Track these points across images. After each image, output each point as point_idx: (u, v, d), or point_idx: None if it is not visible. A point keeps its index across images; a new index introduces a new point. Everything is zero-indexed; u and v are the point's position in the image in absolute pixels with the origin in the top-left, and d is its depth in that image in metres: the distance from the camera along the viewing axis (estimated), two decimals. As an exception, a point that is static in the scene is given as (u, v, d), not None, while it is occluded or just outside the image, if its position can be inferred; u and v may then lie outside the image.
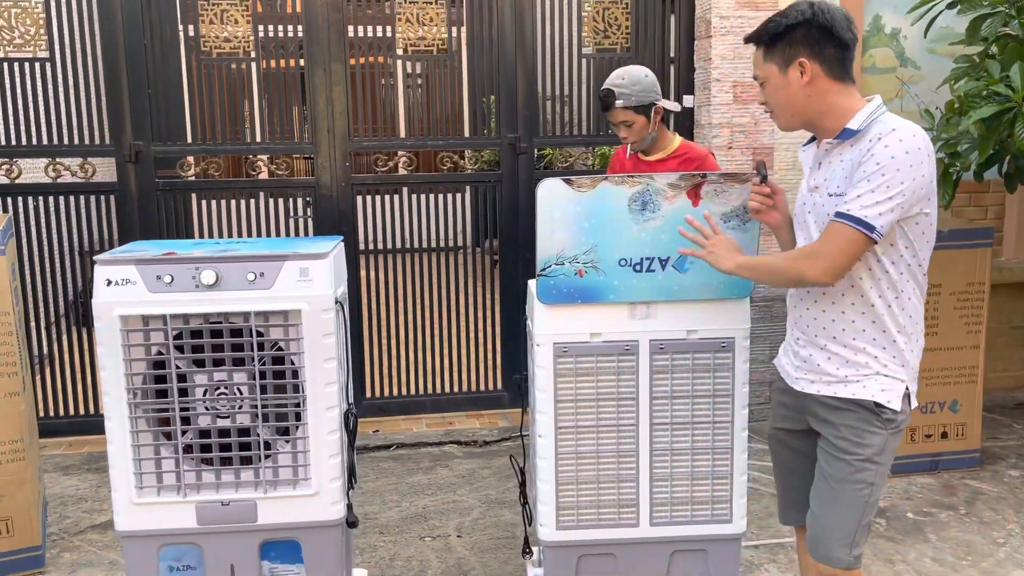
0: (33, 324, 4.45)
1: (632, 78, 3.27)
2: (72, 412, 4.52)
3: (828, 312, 2.20)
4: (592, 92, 4.70)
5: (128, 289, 2.46)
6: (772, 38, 2.15)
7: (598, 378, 2.58)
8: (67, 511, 3.75)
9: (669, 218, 2.51)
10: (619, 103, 3.25)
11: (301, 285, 2.51)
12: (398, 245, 4.72)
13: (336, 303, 2.58)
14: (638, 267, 2.56)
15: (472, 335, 4.84)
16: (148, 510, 2.55)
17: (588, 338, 2.58)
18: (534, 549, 2.92)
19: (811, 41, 2.12)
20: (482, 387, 4.87)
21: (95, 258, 2.50)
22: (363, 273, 4.70)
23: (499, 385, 4.86)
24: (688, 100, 4.67)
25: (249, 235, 4.50)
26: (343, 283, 2.81)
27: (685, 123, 4.69)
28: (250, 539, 2.61)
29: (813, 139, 2.27)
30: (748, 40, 2.25)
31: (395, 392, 4.85)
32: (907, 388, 2.18)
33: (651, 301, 2.57)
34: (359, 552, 3.36)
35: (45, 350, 4.54)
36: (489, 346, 4.84)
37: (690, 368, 2.60)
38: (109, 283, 2.46)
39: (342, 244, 2.84)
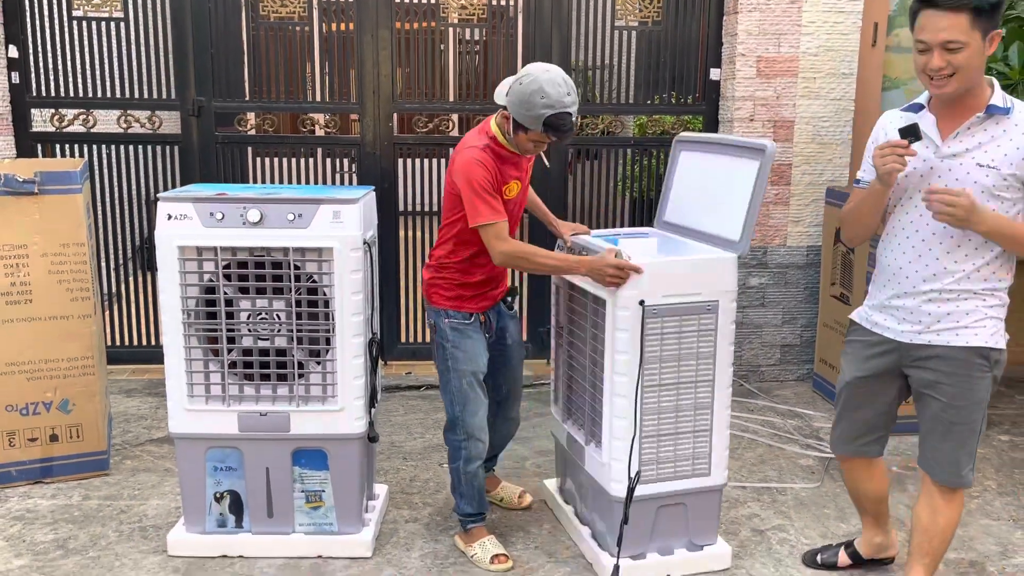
0: (103, 264, 4.90)
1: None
2: (136, 343, 4.98)
3: (943, 262, 2.45)
4: (624, 64, 4.95)
5: (185, 223, 2.84)
6: (992, 7, 2.30)
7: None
8: (129, 427, 4.21)
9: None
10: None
11: (334, 226, 2.86)
12: (436, 208, 5.06)
13: (364, 244, 2.93)
14: None
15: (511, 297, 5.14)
16: (197, 416, 2.95)
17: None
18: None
19: (999, 17, 2.35)
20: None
21: (158, 195, 2.89)
22: (402, 233, 5.03)
23: (524, 337, 5.18)
24: (715, 73, 4.88)
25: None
26: (372, 228, 3.16)
27: (711, 95, 4.91)
28: (283, 447, 2.99)
29: (914, 108, 2.51)
30: (956, 7, 2.28)
31: (427, 339, 5.19)
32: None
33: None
34: (383, 472, 3.74)
35: (115, 288, 4.99)
36: (517, 300, 5.16)
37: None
38: (170, 217, 2.85)
39: (373, 193, 3.19)
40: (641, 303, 2.71)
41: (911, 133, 2.40)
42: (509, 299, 3.21)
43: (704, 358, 2.85)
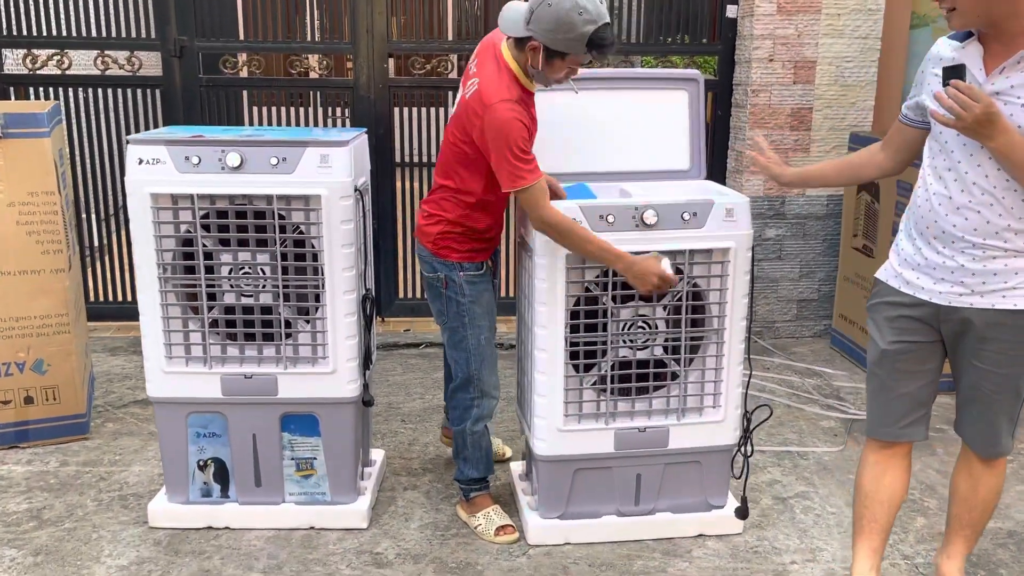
0: (89, 216, 4.65)
1: None
2: (121, 299, 4.74)
3: (987, 214, 2.14)
4: (638, 4, 4.63)
5: (158, 168, 2.58)
6: None
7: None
8: (112, 387, 3.99)
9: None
10: None
11: (321, 171, 2.60)
12: (433, 159, 4.78)
13: (355, 191, 2.67)
14: None
15: (502, 244, 4.90)
16: (177, 379, 2.73)
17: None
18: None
19: None
20: (511, 293, 4.96)
21: (127, 137, 2.62)
22: (399, 185, 4.77)
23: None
24: (731, 10, 4.57)
25: (289, 134, 4.60)
26: (365, 174, 2.90)
27: (727, 34, 4.60)
28: (271, 411, 2.77)
29: (960, 36, 2.19)
30: None
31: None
32: None
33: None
34: (380, 436, 3.53)
35: (104, 241, 4.74)
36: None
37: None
38: (141, 162, 2.59)
39: (365, 136, 2.92)
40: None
41: (956, 75, 2.10)
42: None
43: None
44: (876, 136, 4.26)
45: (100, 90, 4.52)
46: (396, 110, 4.68)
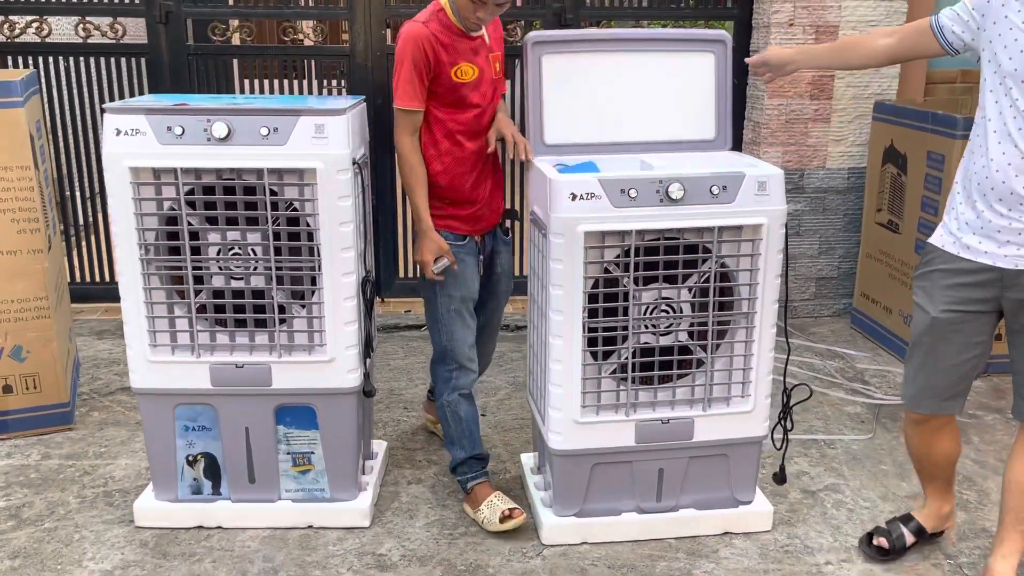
0: (75, 193, 4.42)
1: None
2: (108, 279, 4.53)
3: None
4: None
5: (138, 140, 2.36)
6: None
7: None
8: (99, 373, 3.79)
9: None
10: None
11: (316, 142, 2.38)
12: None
13: (354, 164, 2.45)
14: None
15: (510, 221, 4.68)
16: (163, 368, 2.52)
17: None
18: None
19: None
20: (517, 272, 4.74)
21: (104, 106, 2.40)
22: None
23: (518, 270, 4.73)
24: (749, -28, 4.33)
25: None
26: (364, 145, 2.68)
27: (744, -3, 4.36)
28: (264, 403, 2.57)
29: None
30: None
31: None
32: None
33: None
34: (382, 425, 3.33)
35: (89, 219, 4.51)
36: (525, 233, 4.68)
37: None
38: (119, 133, 2.36)
39: (363, 104, 2.69)
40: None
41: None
42: (506, 223, 2.85)
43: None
44: (903, 106, 4.04)
45: (82, 59, 4.27)
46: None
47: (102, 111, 2.39)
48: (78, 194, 4.47)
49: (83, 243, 4.54)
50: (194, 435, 2.62)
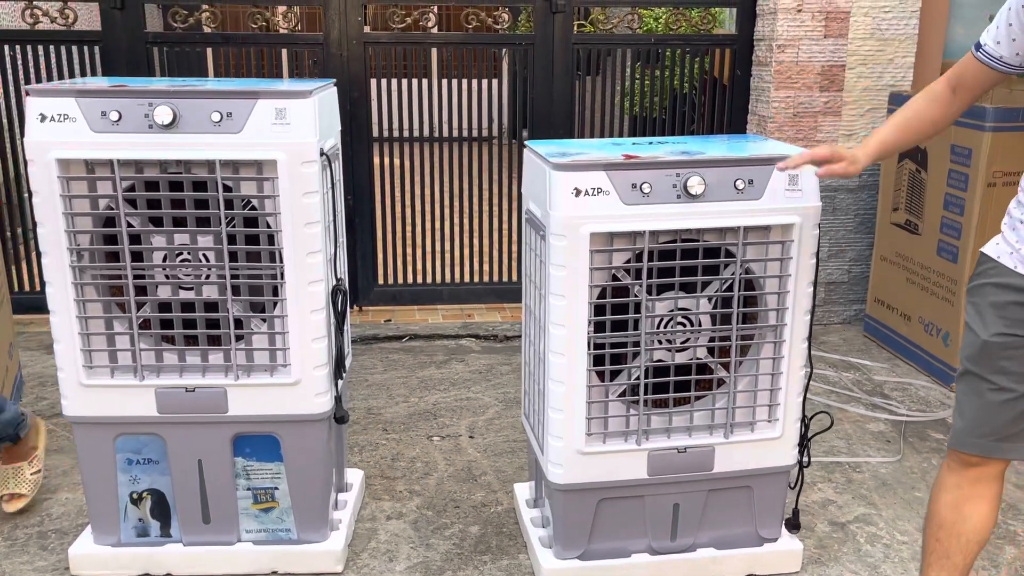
0: (21, 195, 4.06)
1: None
2: (61, 288, 4.16)
3: None
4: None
5: (67, 127, 2.02)
6: None
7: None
8: (45, 392, 3.43)
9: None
10: None
11: (277, 130, 2.04)
12: (416, 134, 4.23)
13: (322, 155, 2.11)
14: None
15: (496, 222, 4.37)
16: (100, 394, 2.18)
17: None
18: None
19: None
20: (504, 278, 4.42)
21: (26, 88, 2.05)
22: (377, 160, 4.21)
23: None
24: (753, -46, 4.03)
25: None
26: (334, 135, 2.34)
27: (748, -18, 4.06)
28: (220, 432, 2.23)
29: None
30: None
31: (409, 280, 4.43)
32: None
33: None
34: (358, 450, 3.00)
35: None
36: (514, 235, 4.37)
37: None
38: (44, 119, 2.02)
39: (333, 88, 2.36)
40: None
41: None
42: None
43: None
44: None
45: (29, 47, 3.91)
46: (374, 83, 4.12)
47: (25, 93, 2.05)
48: (25, 195, 4.11)
49: (33, 250, 4.17)
50: (139, 469, 2.27)
